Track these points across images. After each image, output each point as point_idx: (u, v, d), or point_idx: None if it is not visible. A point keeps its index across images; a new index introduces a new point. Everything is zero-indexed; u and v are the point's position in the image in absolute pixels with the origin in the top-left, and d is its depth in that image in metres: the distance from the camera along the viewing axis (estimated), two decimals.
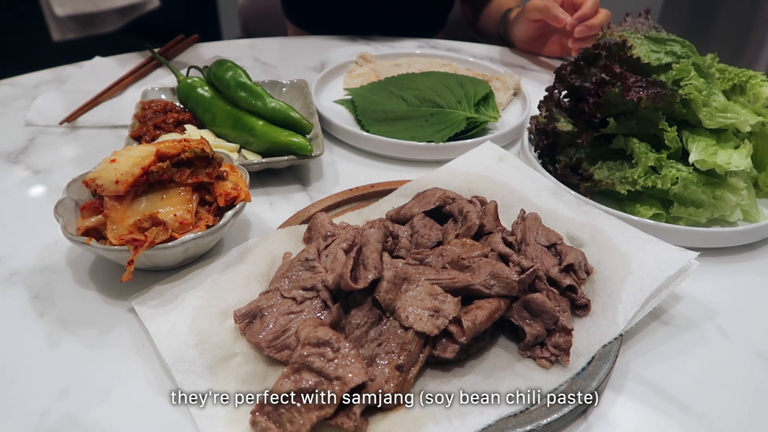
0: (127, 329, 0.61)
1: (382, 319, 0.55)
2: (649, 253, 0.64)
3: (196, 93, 0.92)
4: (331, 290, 0.56)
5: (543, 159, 0.88)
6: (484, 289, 0.56)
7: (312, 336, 0.51)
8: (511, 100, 1.11)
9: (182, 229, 0.63)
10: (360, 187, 0.80)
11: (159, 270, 0.67)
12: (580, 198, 0.76)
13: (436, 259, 0.60)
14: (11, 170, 0.88)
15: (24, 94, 1.09)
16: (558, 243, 0.64)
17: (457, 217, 0.67)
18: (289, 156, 0.83)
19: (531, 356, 0.57)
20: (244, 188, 0.69)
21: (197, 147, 0.66)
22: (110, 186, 0.62)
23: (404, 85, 1.06)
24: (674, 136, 0.76)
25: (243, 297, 0.61)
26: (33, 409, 0.53)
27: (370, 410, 0.51)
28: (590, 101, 0.80)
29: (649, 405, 0.56)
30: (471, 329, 0.53)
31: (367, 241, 0.58)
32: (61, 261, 0.70)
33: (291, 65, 1.26)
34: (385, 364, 0.52)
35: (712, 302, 0.67)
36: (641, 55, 0.80)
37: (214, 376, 0.54)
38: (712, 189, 0.75)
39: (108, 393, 0.55)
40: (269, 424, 0.48)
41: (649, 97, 0.75)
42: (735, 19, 2.24)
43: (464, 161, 0.82)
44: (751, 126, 0.75)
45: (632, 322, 0.59)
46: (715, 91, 0.77)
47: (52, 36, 1.71)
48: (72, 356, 0.59)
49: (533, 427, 0.50)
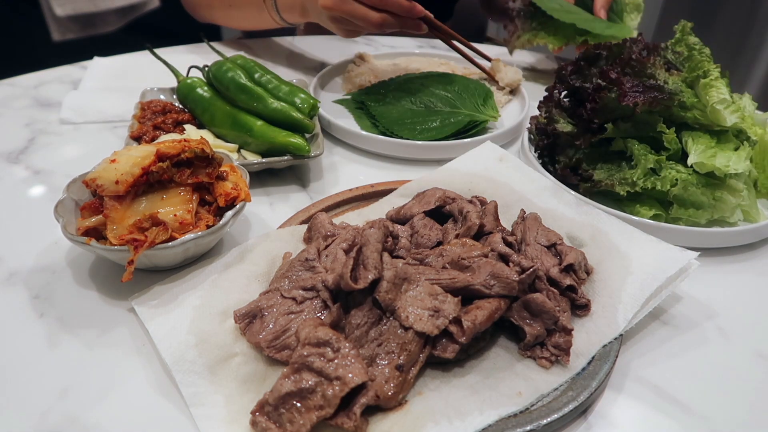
0: (127, 329, 0.61)
1: (382, 319, 0.55)
2: (650, 253, 0.64)
3: (196, 93, 0.92)
4: (331, 290, 0.56)
5: (543, 159, 0.88)
6: (484, 289, 0.56)
7: (312, 336, 0.51)
8: (510, 99, 1.11)
9: (182, 229, 0.63)
10: (360, 187, 0.80)
11: (159, 270, 0.67)
12: (580, 198, 0.76)
13: (436, 259, 0.60)
14: (11, 170, 0.88)
15: (24, 94, 1.09)
16: (558, 243, 0.64)
17: (457, 217, 0.67)
18: (288, 156, 0.83)
19: (531, 356, 0.57)
20: (244, 188, 0.69)
21: (197, 147, 0.66)
22: (110, 186, 0.62)
23: (405, 86, 1.06)
24: (673, 137, 0.76)
25: (243, 297, 0.61)
26: (33, 409, 0.53)
27: (370, 410, 0.51)
28: (588, 107, 0.80)
29: (649, 405, 0.56)
30: (471, 329, 0.53)
31: (367, 241, 0.58)
32: (61, 261, 0.70)
33: (291, 65, 1.26)
34: (385, 364, 0.52)
35: (712, 302, 0.67)
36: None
37: (214, 376, 0.54)
38: (711, 190, 0.75)
39: (108, 393, 0.55)
40: (269, 424, 0.48)
41: (645, 102, 0.75)
42: (735, 19, 2.24)
43: (464, 161, 0.82)
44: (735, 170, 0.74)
45: (632, 322, 0.59)
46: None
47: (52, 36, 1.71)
48: (72, 356, 0.59)
49: (533, 427, 0.51)
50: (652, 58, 0.81)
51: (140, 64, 1.20)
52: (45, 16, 1.96)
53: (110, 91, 1.09)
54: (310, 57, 1.29)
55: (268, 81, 0.92)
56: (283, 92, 0.90)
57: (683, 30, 0.84)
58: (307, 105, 0.89)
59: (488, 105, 1.00)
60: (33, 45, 1.97)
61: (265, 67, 0.95)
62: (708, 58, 0.80)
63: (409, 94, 1.03)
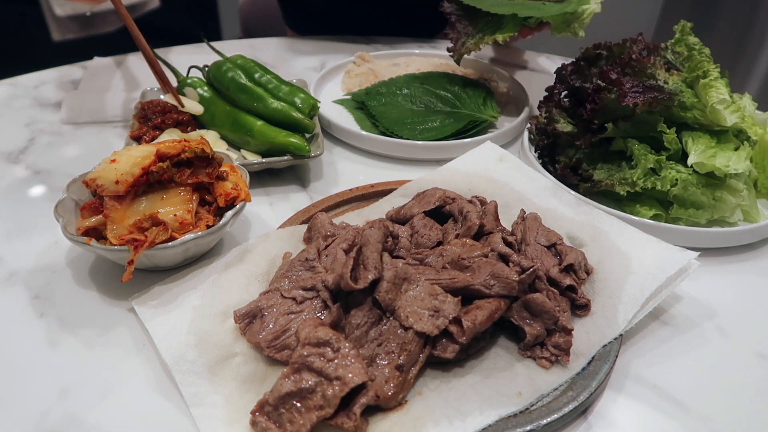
0: (127, 329, 0.61)
1: (382, 319, 0.55)
2: (649, 253, 0.64)
3: (196, 93, 0.92)
4: (331, 290, 0.56)
5: (543, 159, 0.88)
6: (484, 289, 0.56)
7: (312, 336, 0.51)
8: (509, 99, 1.11)
9: (182, 229, 0.63)
10: (360, 187, 0.80)
11: (159, 270, 0.67)
12: (580, 198, 0.76)
13: (436, 259, 0.60)
14: (11, 170, 0.88)
15: (24, 94, 1.09)
16: (558, 243, 0.64)
17: (457, 217, 0.67)
18: (288, 156, 0.83)
19: (531, 356, 0.57)
20: (244, 188, 0.69)
21: (197, 147, 0.66)
22: (110, 186, 0.62)
23: (405, 86, 1.06)
24: (673, 137, 0.76)
25: (243, 297, 0.61)
26: (33, 409, 0.53)
27: (370, 410, 0.51)
28: (588, 107, 0.80)
29: (649, 405, 0.56)
30: (471, 329, 0.53)
31: (367, 241, 0.58)
32: (61, 261, 0.70)
33: (291, 65, 1.26)
34: (385, 364, 0.52)
35: (712, 302, 0.67)
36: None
37: (214, 376, 0.54)
38: (711, 190, 0.75)
39: (108, 393, 0.55)
40: (269, 424, 0.48)
41: (645, 103, 0.75)
42: (735, 19, 2.24)
43: (464, 161, 0.82)
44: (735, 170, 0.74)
45: (632, 322, 0.60)
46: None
47: (52, 36, 1.71)
48: (72, 356, 0.59)
49: (533, 427, 0.51)
50: (652, 58, 0.81)
51: (140, 64, 1.20)
52: (45, 16, 1.96)
53: (110, 91, 1.09)
54: (310, 57, 1.29)
55: (268, 81, 0.92)
56: (283, 92, 0.90)
57: (683, 30, 0.84)
58: (307, 105, 0.89)
59: (488, 105, 1.00)
60: (33, 45, 1.97)
61: (265, 67, 0.95)
62: (708, 58, 0.80)
63: (409, 94, 1.03)
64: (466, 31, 1.01)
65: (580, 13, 0.93)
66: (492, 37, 0.97)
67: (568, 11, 0.93)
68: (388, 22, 1.41)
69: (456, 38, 1.01)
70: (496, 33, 0.97)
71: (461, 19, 1.03)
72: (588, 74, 0.86)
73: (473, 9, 1.00)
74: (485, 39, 0.97)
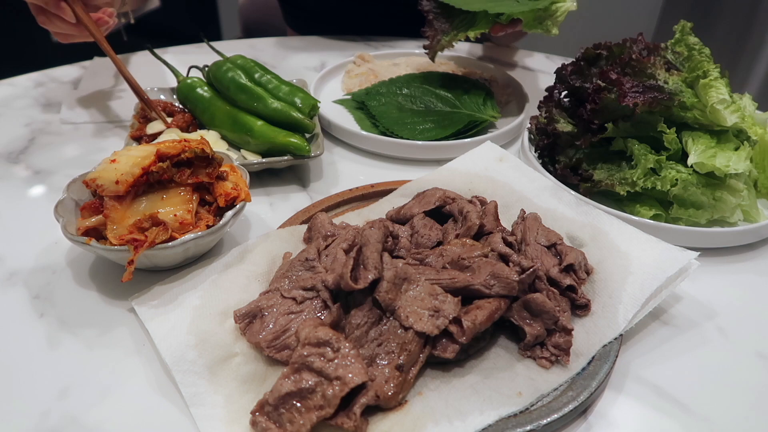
0: (127, 329, 0.61)
1: (382, 319, 0.55)
2: (650, 253, 0.64)
3: (196, 93, 0.92)
4: (331, 290, 0.56)
5: (543, 159, 0.88)
6: (484, 289, 0.56)
7: (312, 336, 0.51)
8: (509, 99, 1.11)
9: (182, 229, 0.63)
10: (360, 187, 0.80)
11: (159, 270, 0.67)
12: (580, 198, 0.76)
13: (436, 259, 0.60)
14: (11, 170, 0.88)
15: (24, 94, 1.09)
16: (558, 243, 0.64)
17: (457, 217, 0.67)
18: (288, 156, 0.83)
19: (531, 356, 0.57)
20: (244, 188, 0.69)
21: (197, 147, 0.66)
22: (110, 186, 0.62)
23: (406, 85, 1.06)
24: (673, 137, 0.76)
25: (243, 297, 0.61)
26: (33, 409, 0.53)
27: (370, 410, 0.51)
28: (588, 107, 0.80)
29: (649, 405, 0.56)
30: (471, 329, 0.53)
31: (367, 241, 0.58)
32: (61, 261, 0.70)
33: (291, 65, 1.26)
34: (385, 364, 0.52)
35: (712, 302, 0.67)
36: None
37: (214, 376, 0.54)
38: (711, 190, 0.75)
39: (108, 393, 0.55)
40: (269, 424, 0.48)
41: (645, 103, 0.75)
42: (735, 19, 2.24)
43: (464, 161, 0.82)
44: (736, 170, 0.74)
45: (632, 322, 0.59)
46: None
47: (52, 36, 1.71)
48: (72, 356, 0.59)
49: (533, 427, 0.51)
50: (652, 58, 0.81)
51: (140, 64, 1.20)
52: None
53: (110, 91, 1.09)
54: (310, 57, 1.29)
55: (268, 81, 0.92)
56: (283, 92, 0.90)
57: (683, 30, 0.84)
58: (307, 105, 0.89)
59: (488, 105, 1.00)
60: (33, 45, 1.97)
61: (265, 67, 0.95)
62: (708, 58, 0.80)
63: (409, 94, 1.03)
64: (442, 29, 1.02)
65: (553, 11, 0.94)
66: (464, 34, 0.98)
67: (539, 8, 0.93)
68: (388, 22, 1.41)
69: (432, 36, 1.02)
70: (469, 30, 0.98)
71: (438, 17, 1.04)
72: (588, 74, 0.86)
73: (449, 7, 1.01)
74: (458, 36, 0.98)
